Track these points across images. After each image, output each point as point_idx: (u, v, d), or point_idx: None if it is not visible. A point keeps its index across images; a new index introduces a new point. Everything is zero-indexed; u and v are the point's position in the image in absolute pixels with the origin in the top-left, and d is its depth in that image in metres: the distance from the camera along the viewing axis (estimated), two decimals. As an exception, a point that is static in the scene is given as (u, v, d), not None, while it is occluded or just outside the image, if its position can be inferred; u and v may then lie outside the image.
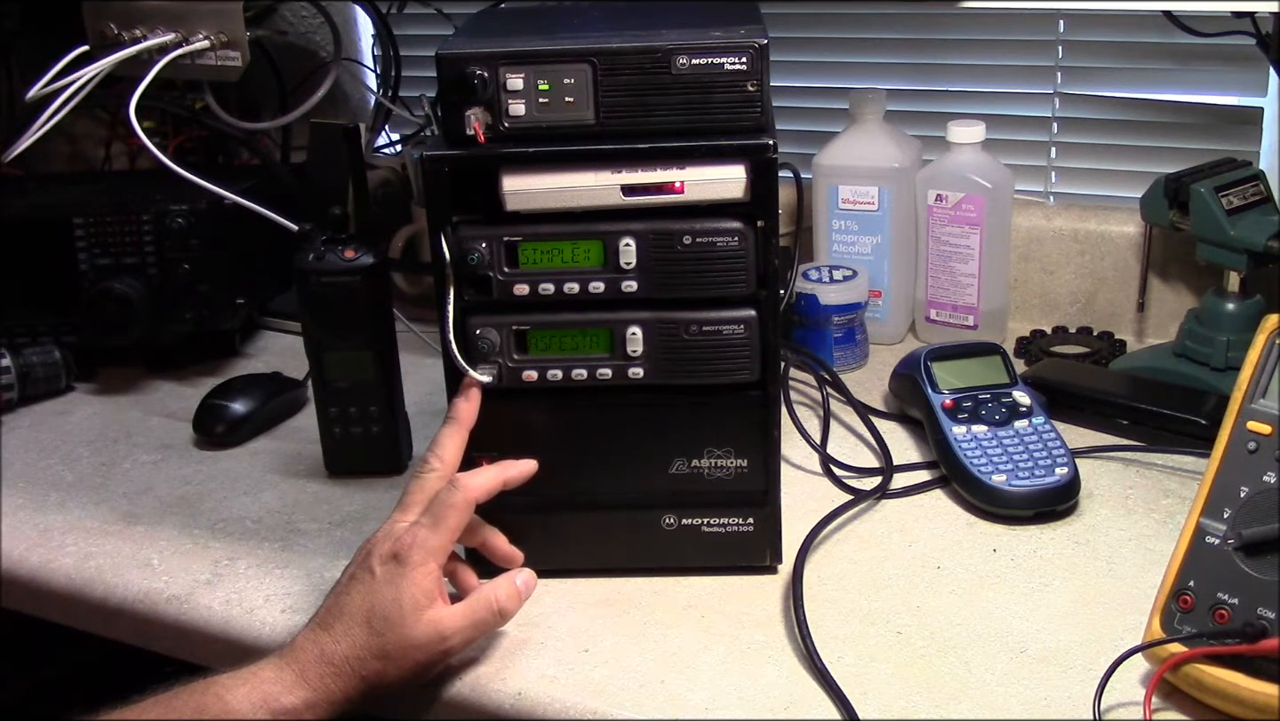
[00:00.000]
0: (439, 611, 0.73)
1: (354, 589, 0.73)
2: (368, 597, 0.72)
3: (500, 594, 0.75)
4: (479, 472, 0.78)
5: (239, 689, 0.69)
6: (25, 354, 1.18)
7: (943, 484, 0.96)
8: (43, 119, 1.16)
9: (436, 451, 0.79)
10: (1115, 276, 1.23)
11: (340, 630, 0.72)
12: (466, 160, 0.78)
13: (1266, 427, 0.71)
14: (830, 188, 1.22)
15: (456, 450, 0.79)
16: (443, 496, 0.75)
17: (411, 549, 0.73)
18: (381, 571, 0.72)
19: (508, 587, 0.76)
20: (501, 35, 0.80)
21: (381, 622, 0.71)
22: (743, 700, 0.73)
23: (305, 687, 0.70)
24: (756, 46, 0.75)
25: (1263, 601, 0.67)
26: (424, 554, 0.73)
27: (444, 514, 0.74)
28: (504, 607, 0.75)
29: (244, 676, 0.70)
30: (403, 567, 0.72)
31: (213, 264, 1.18)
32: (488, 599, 0.75)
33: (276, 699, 0.69)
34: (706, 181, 0.77)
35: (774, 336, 0.80)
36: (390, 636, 0.71)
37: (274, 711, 0.69)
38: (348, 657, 0.71)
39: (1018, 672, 0.74)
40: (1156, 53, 1.24)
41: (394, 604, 0.71)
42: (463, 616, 0.73)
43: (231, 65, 1.23)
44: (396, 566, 0.72)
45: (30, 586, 0.91)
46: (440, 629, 0.72)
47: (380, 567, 0.73)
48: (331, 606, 0.73)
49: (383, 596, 0.72)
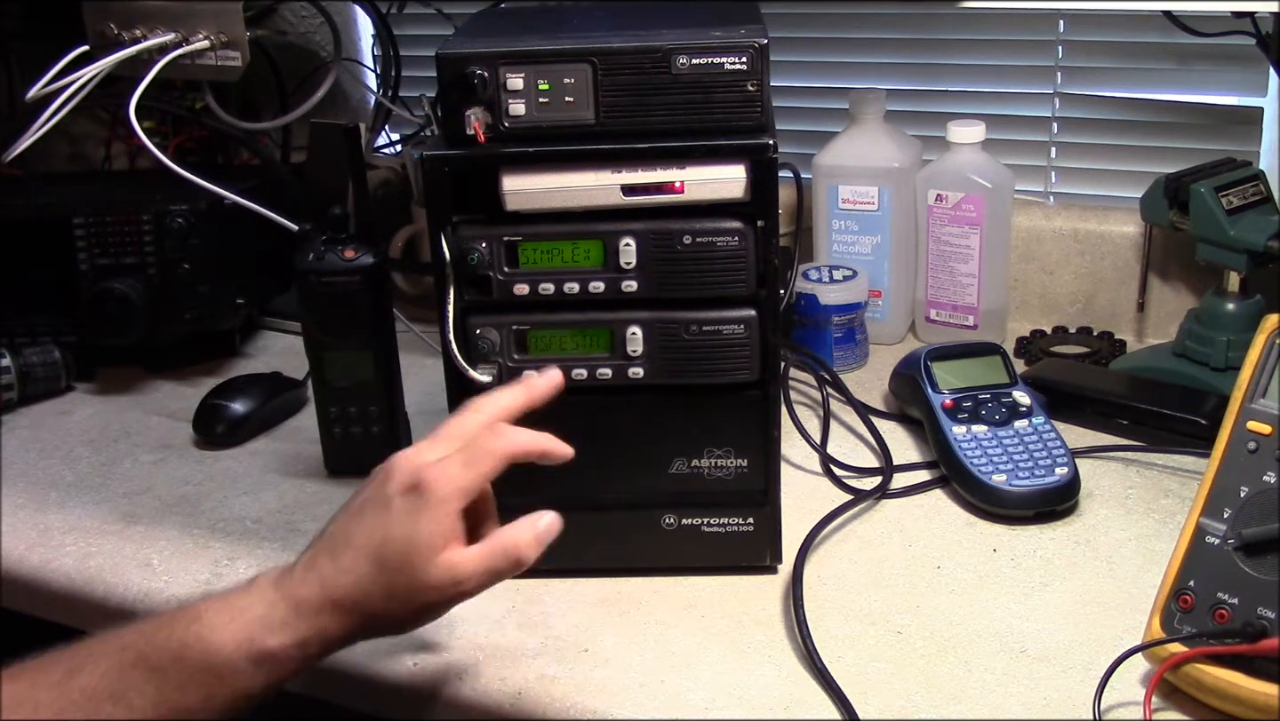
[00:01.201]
0: (455, 554, 0.67)
1: (366, 517, 0.67)
2: (381, 529, 0.66)
3: (522, 538, 0.69)
4: (523, 430, 0.71)
5: (225, 627, 0.65)
6: (25, 354, 1.18)
7: (943, 484, 0.96)
8: (43, 119, 1.16)
9: (488, 400, 0.73)
10: (1115, 276, 1.23)
11: (346, 561, 0.66)
12: (466, 160, 0.78)
13: (1266, 427, 0.71)
14: (830, 188, 1.22)
15: (506, 409, 0.73)
16: (484, 440, 0.69)
17: (437, 483, 0.67)
18: (400, 502, 0.67)
19: (529, 532, 0.69)
20: (501, 35, 0.80)
21: (394, 559, 0.65)
22: (743, 700, 0.73)
23: (298, 625, 0.65)
24: (756, 46, 0.75)
25: (1263, 601, 0.67)
26: (449, 490, 0.67)
27: (480, 456, 0.68)
28: (523, 555, 0.68)
29: (231, 610, 0.65)
30: (423, 501, 0.66)
31: (213, 264, 1.18)
32: (506, 544, 0.68)
33: (263, 640, 0.64)
34: (706, 181, 0.77)
35: (774, 336, 0.80)
36: (401, 576, 0.66)
37: (259, 654, 0.64)
38: (351, 593, 0.66)
39: (1018, 672, 0.74)
40: (1156, 53, 1.24)
41: (408, 541, 0.66)
42: (479, 560, 0.67)
43: (231, 65, 1.23)
44: (416, 499, 0.66)
45: (30, 586, 0.91)
46: (455, 572, 0.66)
47: (399, 498, 0.67)
48: (338, 533, 0.68)
49: (398, 530, 0.66)
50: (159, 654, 0.64)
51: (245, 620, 0.65)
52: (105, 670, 0.64)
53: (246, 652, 0.64)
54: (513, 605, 0.83)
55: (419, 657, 0.78)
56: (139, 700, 0.63)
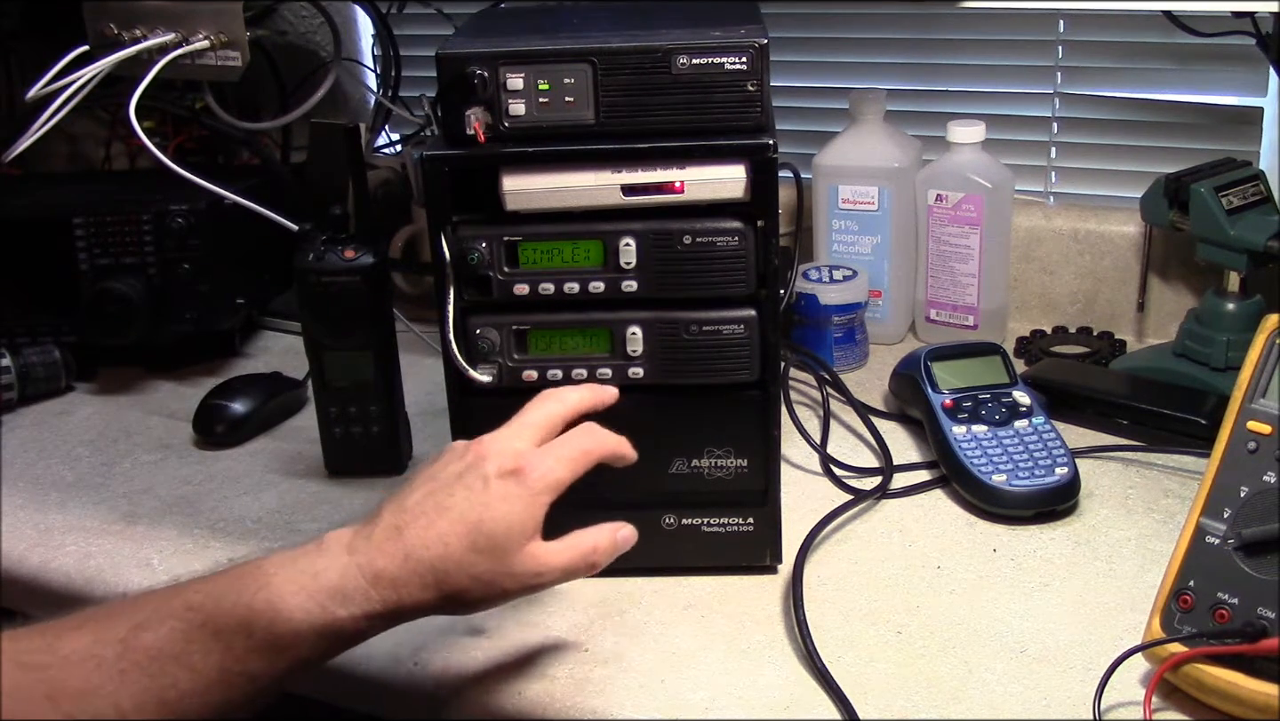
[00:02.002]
0: (540, 546, 0.68)
1: (460, 492, 0.67)
2: (478, 509, 0.66)
3: (601, 541, 0.71)
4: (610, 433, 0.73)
5: (294, 596, 0.63)
6: (25, 354, 1.18)
7: (943, 484, 0.96)
8: (43, 119, 1.16)
9: (568, 392, 0.74)
10: (1115, 276, 1.23)
11: (441, 529, 0.66)
12: (466, 160, 0.78)
13: (1266, 427, 0.71)
14: (830, 188, 1.22)
15: (580, 405, 0.74)
16: (580, 439, 0.71)
17: (538, 474, 0.68)
18: (499, 486, 0.67)
19: (608, 538, 0.71)
20: (501, 35, 0.80)
21: (486, 540, 0.66)
22: (743, 700, 0.73)
23: (372, 596, 0.64)
24: (756, 46, 0.75)
25: (1263, 601, 0.67)
26: (547, 484, 0.68)
27: (576, 455, 0.70)
28: (597, 559, 0.70)
29: (302, 576, 0.64)
30: (523, 489, 0.67)
31: (213, 264, 1.18)
32: (586, 546, 0.70)
33: (334, 612, 0.64)
34: (706, 181, 0.77)
35: (774, 336, 0.80)
36: (489, 559, 0.66)
37: (327, 625, 0.63)
38: (437, 565, 0.65)
39: (1018, 672, 0.74)
40: (1156, 53, 1.24)
41: (504, 524, 0.66)
42: (561, 556, 0.69)
43: (231, 65, 1.23)
44: (517, 486, 0.67)
45: (30, 586, 0.91)
46: (538, 565, 0.68)
47: (498, 481, 0.67)
48: (425, 501, 0.67)
49: (495, 512, 0.66)
50: (226, 617, 0.63)
51: (316, 587, 0.64)
52: (170, 630, 0.62)
53: (316, 623, 0.63)
54: (513, 605, 0.83)
55: (419, 657, 0.78)
56: (203, 664, 0.62)
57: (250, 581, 0.64)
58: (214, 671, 0.62)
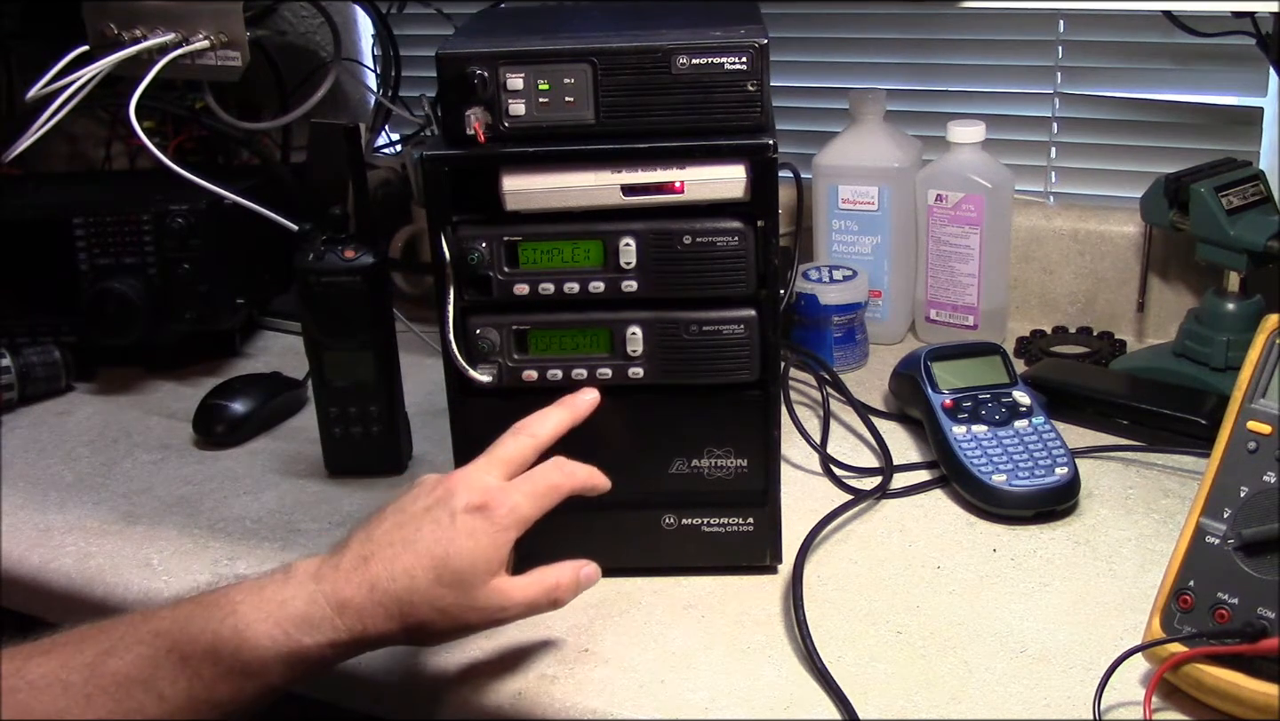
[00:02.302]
0: (504, 581, 0.69)
1: (427, 526, 0.68)
2: (444, 544, 0.67)
3: (564, 579, 0.72)
4: (581, 466, 0.75)
5: (260, 623, 0.64)
6: (25, 354, 1.18)
7: (943, 484, 0.96)
8: (43, 119, 1.16)
9: (539, 424, 0.75)
10: (1115, 276, 1.23)
11: (405, 564, 0.67)
12: (466, 160, 0.78)
13: (1266, 427, 0.71)
14: (830, 188, 1.22)
15: (555, 432, 0.76)
16: (550, 475, 0.73)
17: (505, 510, 0.69)
18: (465, 521, 0.68)
19: (571, 575, 0.73)
20: (501, 35, 0.80)
21: (451, 575, 0.67)
22: (743, 700, 0.73)
23: (338, 625, 0.65)
24: (756, 46, 0.75)
25: (1263, 601, 0.67)
26: (514, 520, 0.69)
27: (545, 491, 0.72)
28: (560, 597, 0.72)
29: (268, 603, 0.65)
30: (489, 525, 0.68)
31: (213, 264, 1.18)
32: (549, 582, 0.72)
33: (299, 639, 0.64)
34: (706, 181, 0.77)
35: (774, 336, 0.80)
36: (454, 593, 0.67)
37: (293, 653, 0.64)
38: (401, 599, 0.66)
39: (1018, 672, 0.74)
40: (1156, 53, 1.24)
41: (469, 560, 0.67)
42: (525, 592, 0.70)
43: (231, 65, 1.23)
44: (483, 521, 0.68)
45: (30, 586, 0.91)
46: (502, 599, 0.69)
47: (464, 516, 0.68)
48: (393, 533, 0.68)
49: (460, 547, 0.67)
50: (192, 644, 0.64)
51: (282, 615, 0.65)
52: (137, 656, 0.63)
53: (281, 650, 0.64)
54: (513, 605, 0.83)
55: (419, 657, 0.78)
56: (169, 690, 0.63)
57: (217, 609, 0.65)
58: (181, 698, 0.63)
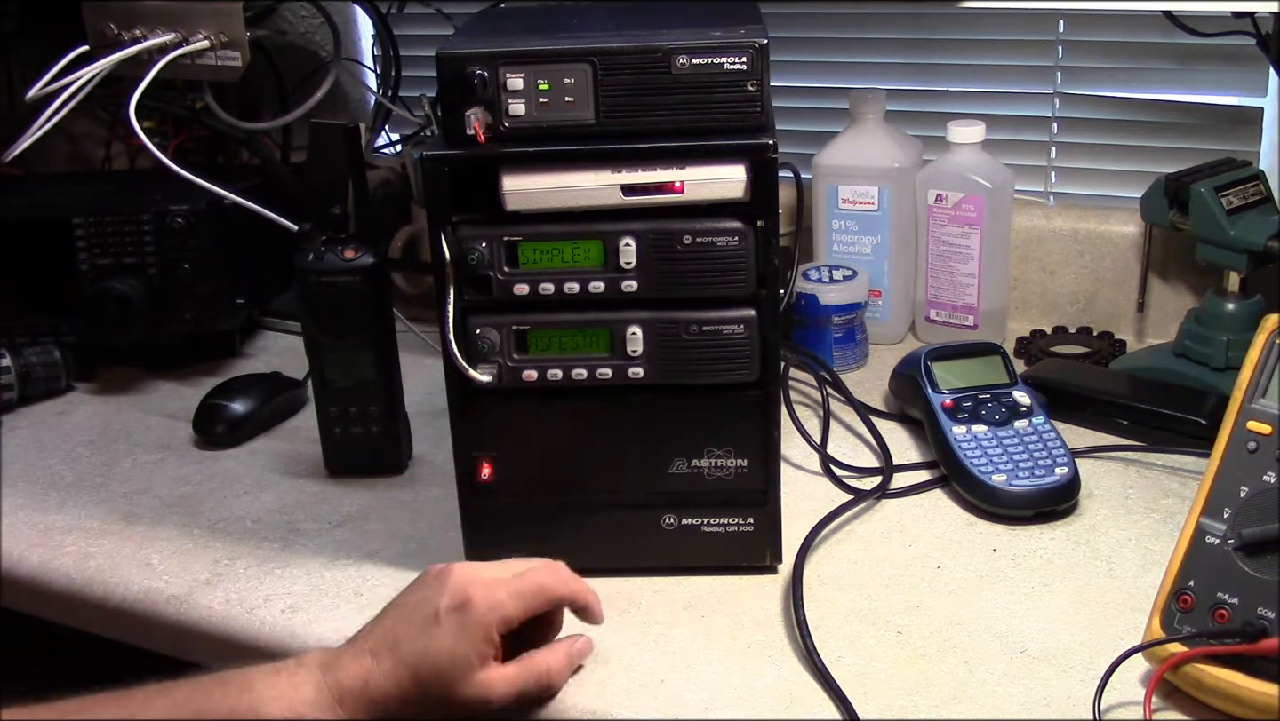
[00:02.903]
0: (488, 673, 0.70)
1: (413, 625, 0.71)
2: (423, 642, 0.70)
3: (553, 663, 0.73)
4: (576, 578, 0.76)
5: (274, 701, 0.68)
6: (25, 354, 1.18)
7: (943, 484, 0.96)
8: (43, 119, 1.16)
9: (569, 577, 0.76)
10: (1115, 276, 1.23)
11: (388, 666, 0.69)
12: (466, 160, 0.78)
13: (1266, 427, 0.71)
14: (830, 188, 1.22)
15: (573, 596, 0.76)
16: (541, 575, 0.74)
17: (486, 607, 0.70)
18: (445, 619, 0.70)
19: (559, 658, 0.73)
20: (501, 35, 0.80)
21: (430, 674, 0.69)
22: (743, 700, 0.73)
23: (339, 712, 0.69)
24: (756, 46, 0.75)
25: (1263, 601, 0.67)
26: (495, 617, 0.70)
27: (531, 591, 0.72)
28: (553, 681, 0.73)
29: (281, 686, 0.69)
30: (468, 621, 0.70)
31: (213, 264, 1.18)
32: (538, 669, 0.72)
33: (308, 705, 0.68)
34: (706, 181, 0.77)
35: (774, 336, 0.80)
36: (434, 691, 0.69)
37: None
38: (387, 697, 0.69)
39: (1018, 672, 0.74)
40: (1156, 53, 1.24)
41: (448, 658, 0.69)
42: (510, 682, 0.71)
43: (231, 65, 1.23)
44: (461, 617, 0.70)
45: (30, 586, 0.91)
46: (487, 692, 0.70)
47: (445, 615, 0.70)
48: (387, 636, 0.71)
49: (439, 647, 0.69)
50: (211, 714, 0.67)
51: (294, 699, 0.68)
52: None
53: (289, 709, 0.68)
54: (513, 605, 0.83)
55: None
56: None
57: (234, 685, 0.69)
58: None
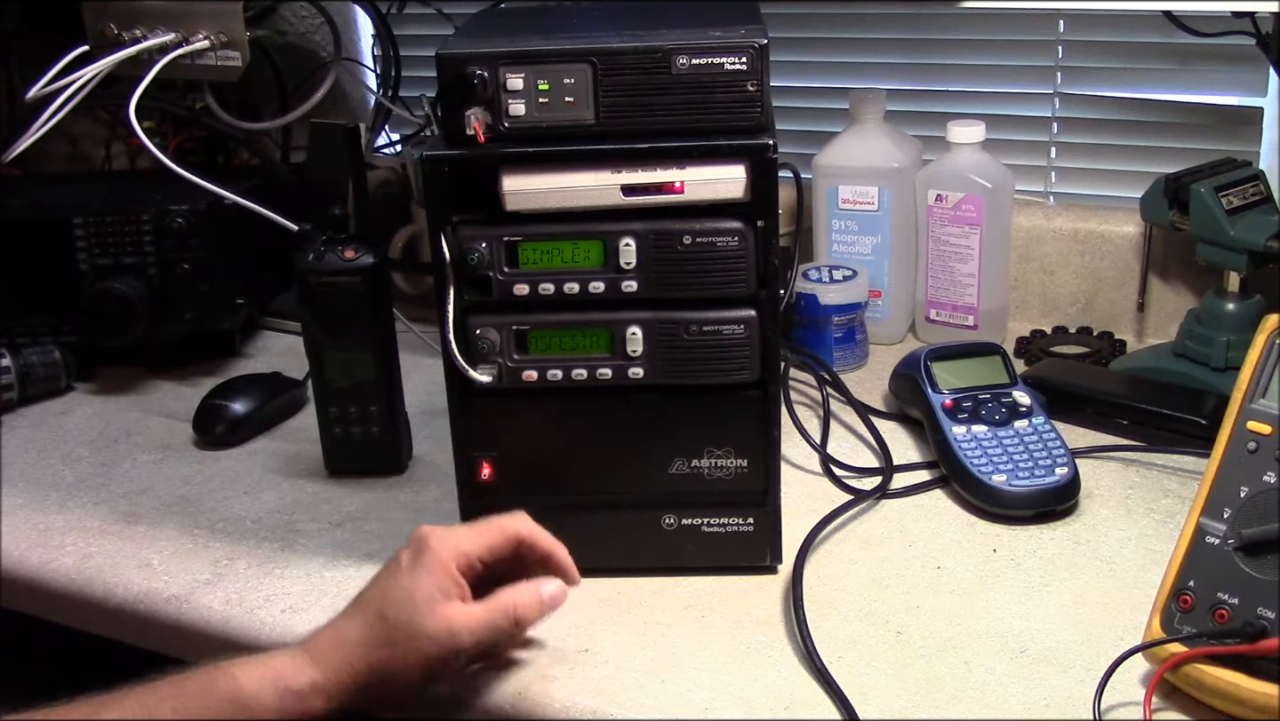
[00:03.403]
0: (453, 608, 0.71)
1: (377, 578, 0.74)
2: (386, 583, 0.72)
3: (520, 600, 0.73)
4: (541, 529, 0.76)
5: (252, 670, 0.70)
6: (25, 354, 1.18)
7: (943, 484, 0.96)
8: (43, 119, 1.16)
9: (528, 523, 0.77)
10: (1115, 276, 1.23)
11: (355, 613, 0.72)
12: (466, 160, 0.78)
13: (1266, 427, 0.71)
14: (830, 188, 1.22)
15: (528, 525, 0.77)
16: (503, 517, 0.75)
17: (437, 541, 0.72)
18: (404, 559, 0.73)
19: (530, 595, 0.74)
20: (501, 35, 0.80)
21: (394, 608, 0.71)
22: (743, 700, 0.73)
23: (315, 669, 0.70)
24: (756, 46, 0.75)
25: (1263, 601, 0.67)
26: (451, 551, 0.72)
27: (488, 527, 0.74)
28: (521, 616, 0.73)
29: (259, 659, 0.71)
30: (421, 556, 0.72)
31: (213, 264, 1.18)
32: (506, 604, 0.73)
33: (286, 680, 0.70)
34: (706, 181, 0.77)
35: (774, 336, 0.80)
36: (399, 623, 0.70)
37: (282, 692, 0.69)
38: (358, 641, 0.71)
39: (1018, 672, 0.74)
40: (1156, 53, 1.24)
41: (408, 591, 0.71)
42: (477, 617, 0.72)
43: (231, 65, 1.23)
44: (418, 555, 0.72)
45: (30, 586, 0.91)
46: (452, 625, 0.71)
47: (405, 560, 0.73)
48: (357, 596, 0.74)
49: (399, 583, 0.71)
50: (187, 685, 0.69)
51: (271, 664, 0.71)
52: (134, 702, 0.68)
53: (272, 687, 0.69)
54: (513, 605, 0.83)
55: (419, 657, 0.78)
56: None
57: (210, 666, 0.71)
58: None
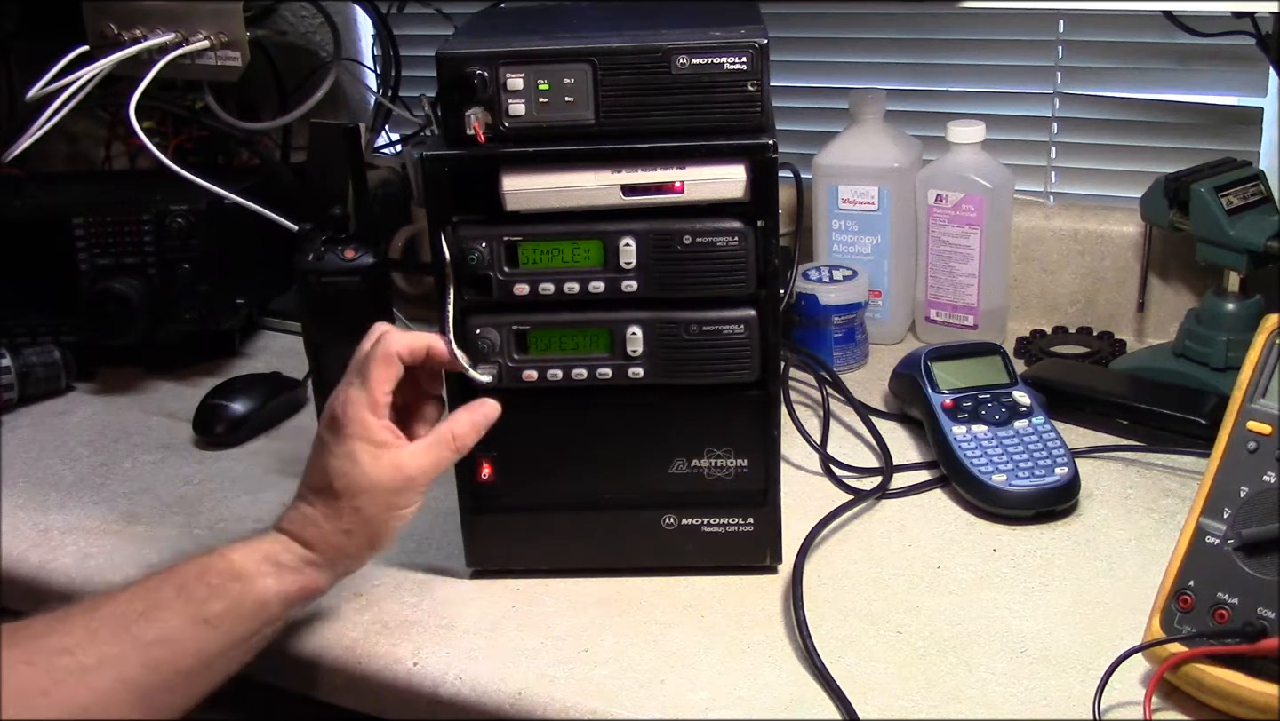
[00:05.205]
0: (397, 453, 0.75)
1: (312, 460, 0.77)
2: (323, 462, 0.75)
3: (458, 428, 0.78)
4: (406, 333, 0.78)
5: (242, 549, 0.74)
6: (25, 354, 1.18)
7: (943, 484, 0.96)
8: (43, 119, 1.16)
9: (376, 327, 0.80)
10: (1115, 276, 1.23)
11: (309, 497, 0.76)
12: (466, 160, 0.78)
13: (1266, 427, 0.71)
14: (830, 188, 1.22)
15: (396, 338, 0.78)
16: (363, 351, 0.78)
17: (343, 408, 0.75)
18: (327, 437, 0.76)
19: (465, 421, 0.78)
20: (501, 35, 0.80)
21: (341, 479, 0.75)
22: (743, 700, 0.73)
23: (300, 546, 0.75)
24: (756, 46, 0.75)
25: (1263, 601, 0.67)
26: (355, 409, 0.75)
27: (366, 368, 0.76)
28: (461, 442, 0.78)
29: (247, 543, 0.75)
30: (341, 428, 0.75)
31: (213, 264, 1.18)
32: (445, 435, 0.78)
33: (277, 555, 0.74)
34: (706, 181, 0.77)
35: (774, 336, 0.80)
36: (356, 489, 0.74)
37: (279, 568, 0.74)
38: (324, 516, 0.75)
39: (1018, 672, 0.74)
40: (1156, 53, 1.24)
41: (347, 459, 0.74)
42: (423, 454, 0.76)
43: (231, 65, 1.23)
44: (334, 429, 0.75)
45: (30, 586, 0.91)
46: (403, 469, 0.75)
47: (325, 434, 0.76)
48: (300, 488, 0.77)
49: (335, 456, 0.75)
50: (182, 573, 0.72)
51: (260, 547, 0.75)
52: (131, 594, 0.70)
53: (264, 560, 0.73)
54: (513, 605, 0.83)
55: (419, 657, 0.78)
56: (170, 616, 0.69)
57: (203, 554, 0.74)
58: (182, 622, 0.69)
